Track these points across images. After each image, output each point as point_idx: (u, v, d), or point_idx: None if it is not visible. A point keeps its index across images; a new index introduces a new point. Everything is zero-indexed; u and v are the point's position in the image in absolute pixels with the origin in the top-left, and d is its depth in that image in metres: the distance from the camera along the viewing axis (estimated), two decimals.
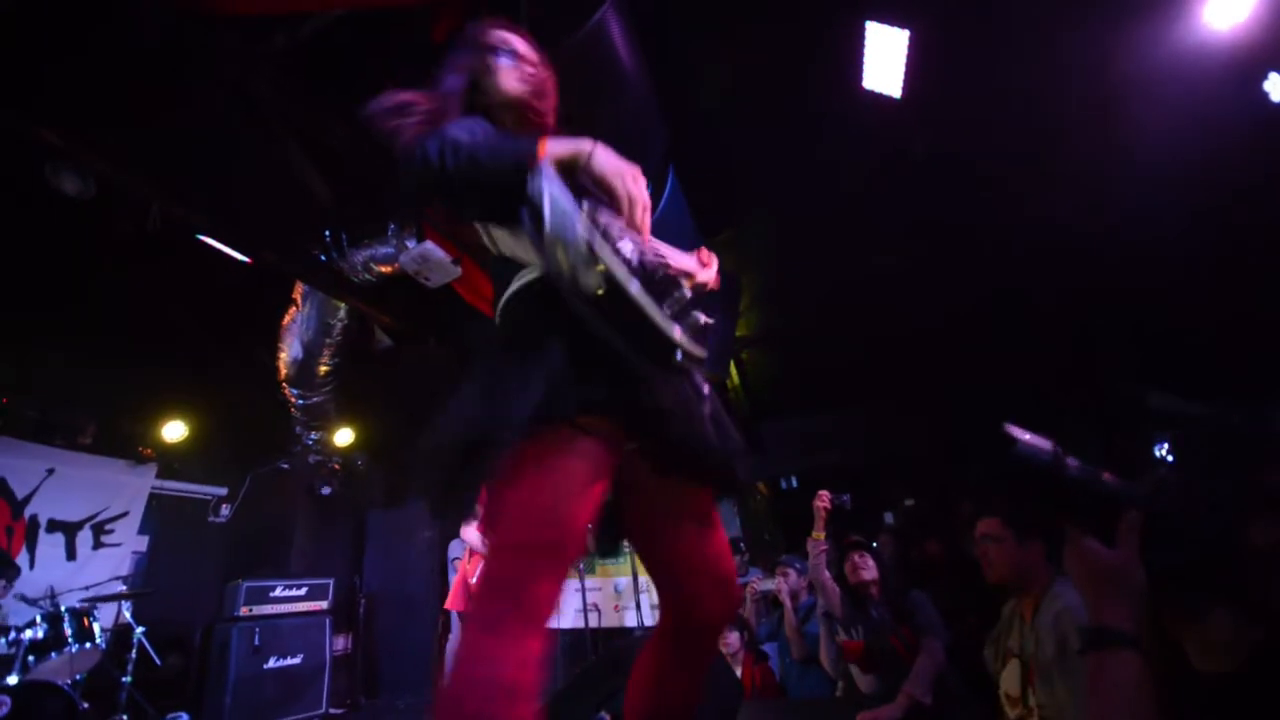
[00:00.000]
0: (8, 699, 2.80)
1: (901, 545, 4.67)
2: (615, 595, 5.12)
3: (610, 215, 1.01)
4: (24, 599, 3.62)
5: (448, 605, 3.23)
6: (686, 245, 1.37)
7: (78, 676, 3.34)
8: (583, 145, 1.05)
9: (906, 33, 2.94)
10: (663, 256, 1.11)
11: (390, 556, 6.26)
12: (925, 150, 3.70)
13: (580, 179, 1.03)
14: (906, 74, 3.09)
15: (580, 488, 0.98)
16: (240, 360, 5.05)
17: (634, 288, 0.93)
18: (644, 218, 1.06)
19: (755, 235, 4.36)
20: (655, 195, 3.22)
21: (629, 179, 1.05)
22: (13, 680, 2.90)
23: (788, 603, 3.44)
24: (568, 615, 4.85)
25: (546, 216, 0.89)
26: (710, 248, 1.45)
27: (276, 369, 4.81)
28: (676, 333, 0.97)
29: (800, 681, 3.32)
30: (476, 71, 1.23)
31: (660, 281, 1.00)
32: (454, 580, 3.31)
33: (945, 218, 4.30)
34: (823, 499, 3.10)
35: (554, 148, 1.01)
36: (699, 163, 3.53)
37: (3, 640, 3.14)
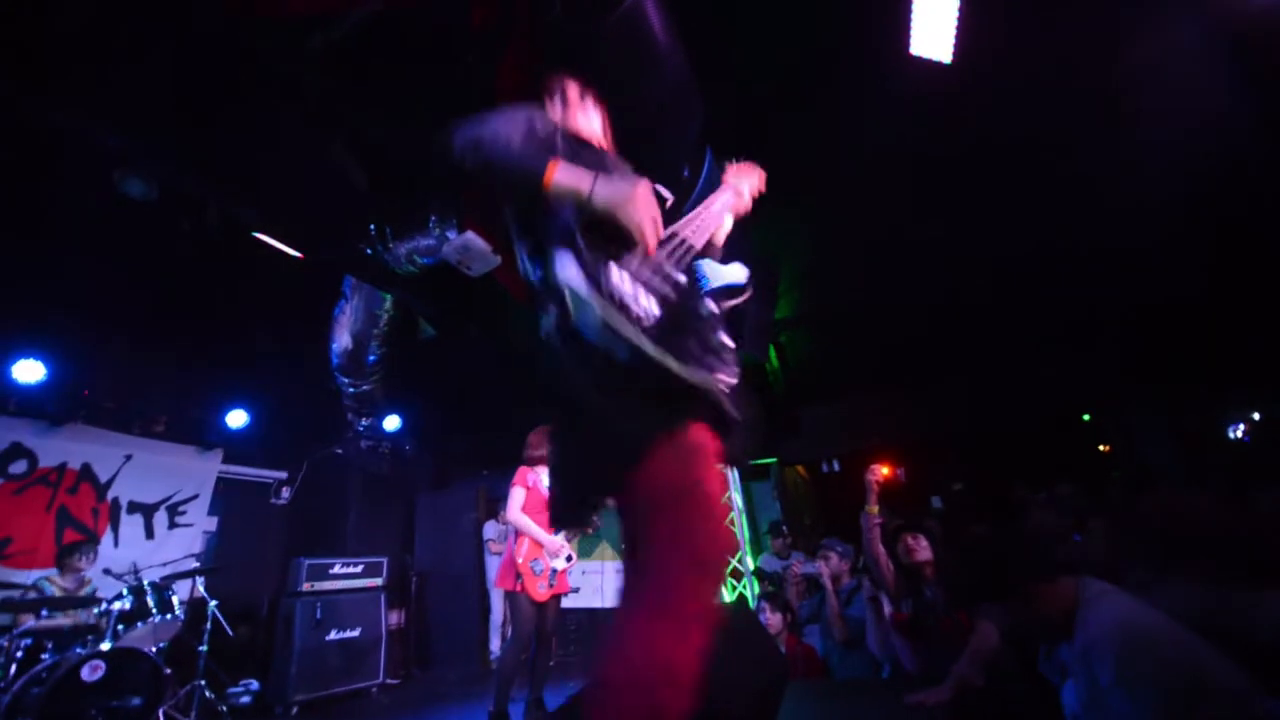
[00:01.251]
0: (102, 663, 3.06)
1: (948, 532, 4.54)
2: None
3: (620, 248, 1.10)
4: (111, 574, 3.94)
5: (497, 584, 3.35)
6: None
7: (161, 645, 3.62)
8: (583, 183, 1.12)
9: None
10: (679, 269, 1.20)
11: (438, 537, 6.50)
12: (975, 118, 3.52)
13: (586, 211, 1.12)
14: (957, 38, 2.94)
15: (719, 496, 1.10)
16: (295, 352, 5.28)
17: (652, 350, 1.00)
18: (653, 238, 1.14)
19: (794, 212, 4.24)
20: (693, 177, 3.18)
21: (630, 208, 1.10)
22: (105, 646, 3.16)
23: (829, 586, 3.41)
24: (610, 595, 4.96)
25: (570, 310, 1.02)
26: (744, 226, 1.49)
27: (328, 359, 5.02)
28: (698, 376, 1.05)
29: (843, 663, 3.31)
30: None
31: (680, 316, 1.09)
32: (501, 559, 3.42)
33: (996, 188, 4.09)
34: (875, 472, 3.05)
35: (559, 177, 1.13)
36: (736, 136, 3.45)
37: (96, 610, 3.43)
